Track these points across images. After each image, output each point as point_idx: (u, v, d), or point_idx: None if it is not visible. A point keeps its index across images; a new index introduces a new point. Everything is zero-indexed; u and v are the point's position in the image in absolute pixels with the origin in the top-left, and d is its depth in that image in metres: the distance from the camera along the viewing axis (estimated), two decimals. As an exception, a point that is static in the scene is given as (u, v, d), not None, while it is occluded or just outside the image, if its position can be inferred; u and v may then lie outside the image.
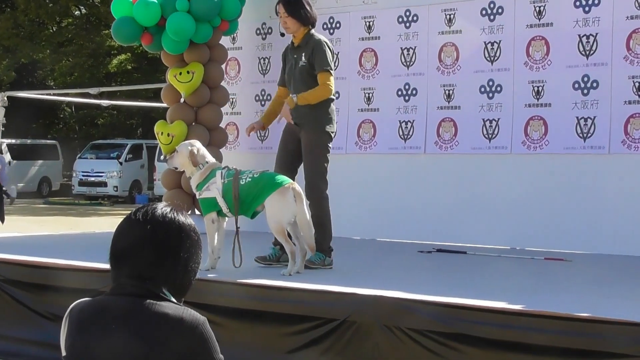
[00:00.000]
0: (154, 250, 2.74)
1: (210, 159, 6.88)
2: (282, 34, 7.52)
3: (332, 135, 7.28)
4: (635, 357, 4.53)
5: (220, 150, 10.16)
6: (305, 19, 7.19)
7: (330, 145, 7.29)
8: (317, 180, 7.13)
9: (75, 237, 11.19)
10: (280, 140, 7.44)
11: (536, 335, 4.86)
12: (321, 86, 7.11)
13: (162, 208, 2.80)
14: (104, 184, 31.12)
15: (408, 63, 9.92)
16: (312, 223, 6.65)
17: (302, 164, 7.25)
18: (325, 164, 7.21)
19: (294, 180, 6.83)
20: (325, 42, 7.24)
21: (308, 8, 7.20)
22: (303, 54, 7.17)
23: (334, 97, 7.35)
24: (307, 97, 7.09)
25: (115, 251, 2.79)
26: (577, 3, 8.88)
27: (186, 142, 7.08)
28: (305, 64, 7.15)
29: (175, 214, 2.80)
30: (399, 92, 9.96)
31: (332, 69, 7.19)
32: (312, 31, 7.28)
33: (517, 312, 4.99)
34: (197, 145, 6.90)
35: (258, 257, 6.91)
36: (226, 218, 6.80)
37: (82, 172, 31.38)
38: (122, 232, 2.80)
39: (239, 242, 6.65)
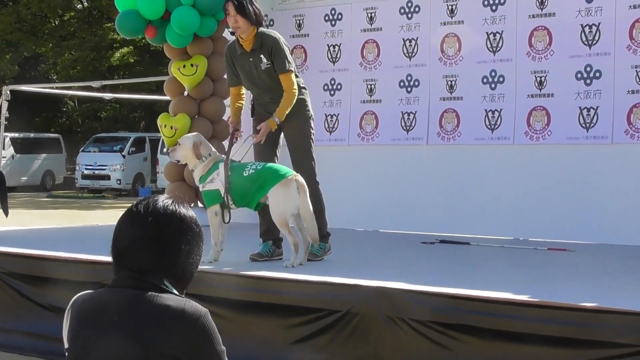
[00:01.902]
0: (156, 242, 2.74)
1: (213, 151, 6.89)
2: (232, 33, 7.30)
3: (312, 120, 7.19)
4: (638, 346, 4.52)
5: (223, 142, 10.15)
6: (254, 18, 6.90)
7: (313, 130, 7.21)
8: (311, 168, 7.09)
9: (78, 230, 11.19)
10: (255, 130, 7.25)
11: (540, 325, 4.85)
12: (286, 93, 6.91)
13: (163, 200, 2.80)
14: (107, 177, 31.12)
15: (410, 54, 9.91)
16: (314, 215, 6.64)
17: (291, 154, 7.17)
18: (313, 150, 7.15)
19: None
20: (280, 39, 7.01)
21: (256, 7, 6.94)
22: (262, 56, 6.94)
23: (304, 86, 7.19)
24: (284, 110, 6.90)
25: (117, 244, 2.79)
26: (580, -7, 8.87)
27: (189, 134, 7.09)
28: (270, 65, 6.94)
29: (176, 206, 2.80)
30: (401, 84, 9.95)
31: (292, 67, 6.96)
32: (261, 29, 7.03)
33: (520, 303, 4.98)
34: (200, 138, 6.91)
35: (253, 255, 6.86)
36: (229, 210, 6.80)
37: (85, 165, 31.38)
38: (123, 225, 2.80)
39: (227, 201, 6.65)
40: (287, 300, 5.78)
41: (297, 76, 7.09)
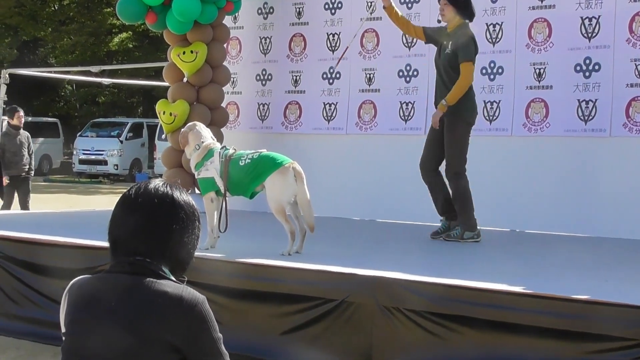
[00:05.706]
0: (145, 222, 2.74)
1: (205, 139, 6.85)
2: (439, 21, 8.03)
3: (471, 120, 7.65)
4: (633, 340, 4.53)
5: (221, 129, 10.16)
6: (462, 10, 7.56)
7: (467, 128, 7.65)
8: (452, 160, 7.61)
9: (75, 214, 11.19)
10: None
11: (535, 317, 4.86)
12: (461, 78, 7.48)
13: (155, 183, 2.81)
14: (105, 162, 31.08)
15: (409, 44, 9.90)
16: (311, 202, 6.63)
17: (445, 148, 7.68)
18: (461, 145, 7.59)
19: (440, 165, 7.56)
20: (472, 38, 7.55)
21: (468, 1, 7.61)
22: (450, 43, 7.53)
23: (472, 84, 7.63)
24: (455, 95, 7.47)
25: (111, 229, 2.79)
26: (580, -15, 8.86)
27: (189, 124, 7.09)
28: (450, 53, 7.54)
29: (167, 188, 2.79)
30: (400, 73, 9.94)
31: (473, 61, 7.51)
32: (467, 24, 7.64)
33: (515, 294, 4.99)
34: (191, 127, 6.92)
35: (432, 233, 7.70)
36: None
37: (83, 150, 31.32)
38: (117, 210, 2.81)
39: (226, 207, 6.69)
40: (283, 288, 5.78)
41: None
